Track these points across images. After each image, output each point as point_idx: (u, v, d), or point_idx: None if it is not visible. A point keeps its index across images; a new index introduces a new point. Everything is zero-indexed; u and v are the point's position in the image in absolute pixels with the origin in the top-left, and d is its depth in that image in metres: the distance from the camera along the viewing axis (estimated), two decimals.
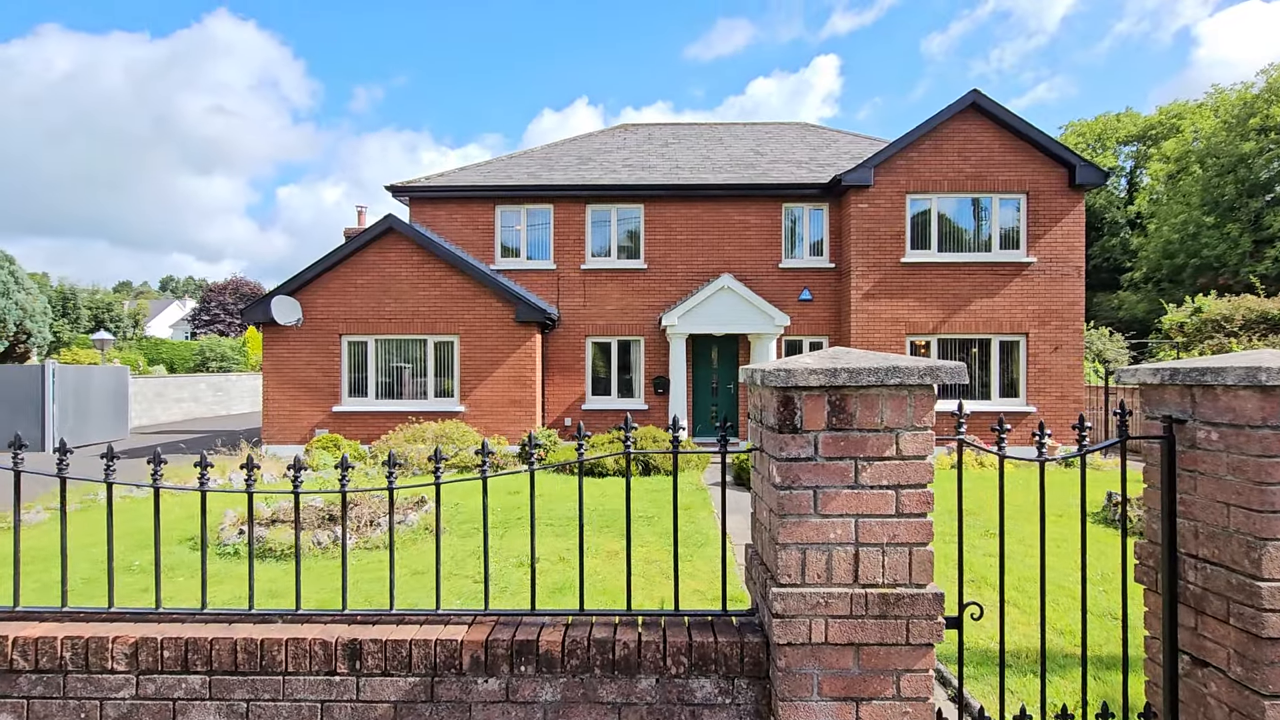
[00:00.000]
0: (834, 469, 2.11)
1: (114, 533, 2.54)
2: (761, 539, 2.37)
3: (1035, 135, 14.24)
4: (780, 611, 2.09)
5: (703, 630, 2.33)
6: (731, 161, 16.81)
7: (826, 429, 2.11)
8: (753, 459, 2.53)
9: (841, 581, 2.11)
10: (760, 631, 2.31)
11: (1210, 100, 36.89)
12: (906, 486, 2.11)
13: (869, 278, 14.54)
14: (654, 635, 2.28)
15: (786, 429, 2.11)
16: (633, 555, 7.05)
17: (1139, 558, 2.47)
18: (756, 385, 2.34)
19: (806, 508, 2.11)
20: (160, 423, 22.38)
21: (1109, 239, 40.27)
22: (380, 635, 2.29)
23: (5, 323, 19.12)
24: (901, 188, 14.48)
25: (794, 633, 2.09)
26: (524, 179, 15.76)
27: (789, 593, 2.09)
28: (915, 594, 2.09)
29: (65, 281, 39.66)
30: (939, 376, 2.07)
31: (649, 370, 15.51)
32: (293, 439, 14.10)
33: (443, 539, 7.67)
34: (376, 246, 14.31)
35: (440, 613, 2.42)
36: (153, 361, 32.37)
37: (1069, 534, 7.66)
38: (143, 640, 2.27)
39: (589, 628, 2.34)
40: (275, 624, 2.39)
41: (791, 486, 2.11)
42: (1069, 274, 14.54)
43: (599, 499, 9.54)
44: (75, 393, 15.95)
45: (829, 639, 2.09)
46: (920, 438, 2.11)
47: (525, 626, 2.36)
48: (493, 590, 5.96)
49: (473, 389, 14.28)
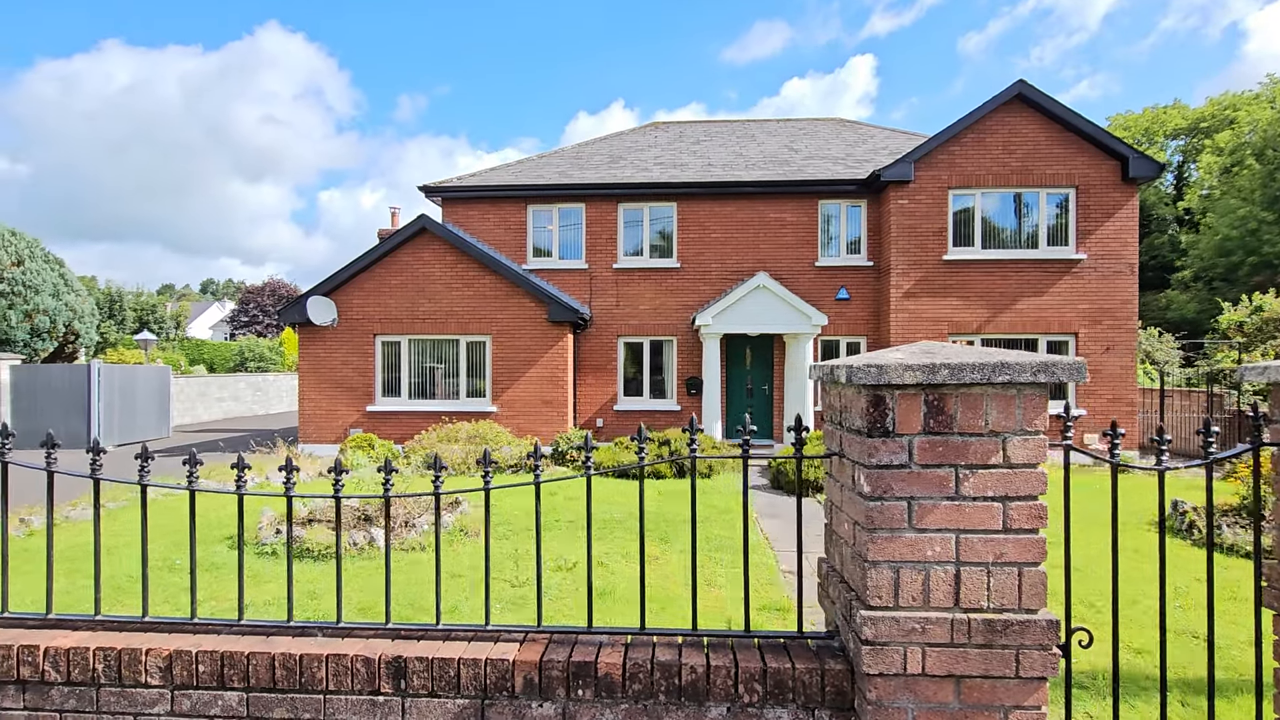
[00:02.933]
0: (931, 478, 1.88)
1: (154, 532, 2.42)
2: (841, 554, 2.14)
3: (1085, 126, 13.65)
4: (870, 638, 1.86)
5: (777, 654, 2.11)
6: (765, 158, 16.49)
7: (923, 432, 1.88)
8: (829, 465, 2.30)
9: (940, 605, 1.87)
10: (842, 657, 2.08)
11: (1266, 91, 35.25)
12: (1015, 498, 1.86)
13: (910, 276, 14.10)
14: (723, 659, 2.07)
15: (877, 432, 1.88)
16: (679, 561, 6.84)
17: (1269, 580, 2.17)
18: (837, 383, 2.11)
19: (900, 521, 1.88)
20: (202, 421, 22.87)
21: (1157, 236, 38.76)
22: (426, 653, 2.12)
23: (55, 324, 19.68)
24: (943, 183, 14.02)
25: (886, 662, 1.85)
26: (555, 178, 15.67)
27: (880, 617, 1.86)
28: (1025, 620, 1.84)
29: (112, 284, 40.93)
30: (1054, 374, 1.82)
31: (681, 371, 15.28)
32: (328, 438, 14.20)
33: (480, 541, 7.59)
34: (410, 247, 14.34)
35: (490, 629, 2.25)
36: (193, 361, 33.20)
37: (1132, 545, 7.23)
38: (177, 653, 2.14)
39: (650, 649, 2.14)
40: (315, 637, 2.23)
41: (883, 497, 1.88)
42: (1121, 271, 13.90)
43: (632, 501, 9.34)
44: (121, 392, 16.33)
45: (926, 670, 1.85)
46: (1031, 443, 1.86)
47: (581, 646, 2.17)
48: (531, 595, 5.80)
49: (505, 389, 14.22)
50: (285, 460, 2.34)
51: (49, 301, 19.51)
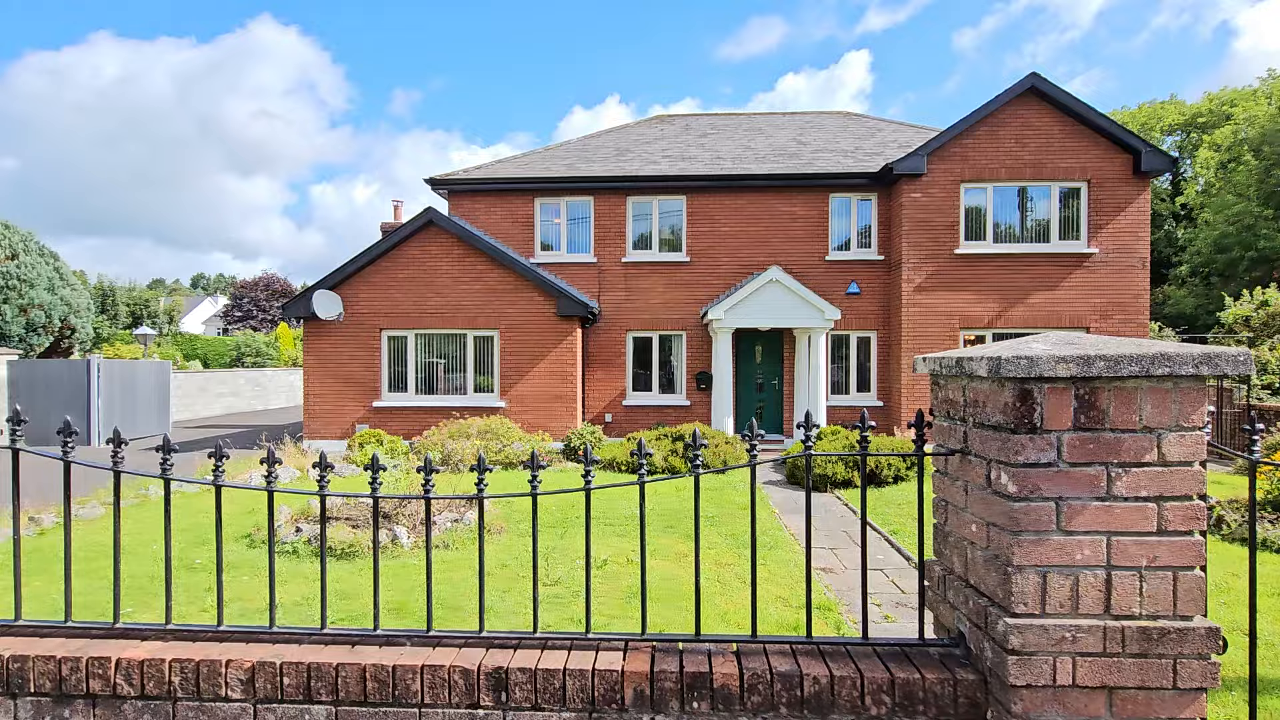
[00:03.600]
0: (1080, 477, 1.76)
1: (169, 528, 2.28)
2: (967, 557, 2.02)
3: (1098, 120, 13.59)
4: (1017, 647, 1.74)
5: (900, 663, 1.99)
6: (774, 151, 16.36)
7: (1073, 429, 1.76)
8: (940, 464, 2.19)
9: (1089, 612, 1.76)
10: (970, 666, 1.97)
11: (1264, 87, 35.39)
12: (1170, 498, 1.75)
13: (921, 270, 14.03)
14: (846, 668, 1.95)
15: (1024, 428, 1.77)
16: (701, 558, 6.74)
17: None
18: (970, 376, 1.99)
19: (1048, 523, 1.77)
20: (201, 417, 22.59)
21: (1154, 231, 38.91)
22: (528, 663, 1.99)
23: (51, 318, 19.35)
24: (956, 176, 13.93)
25: (1034, 672, 1.74)
26: (563, 171, 15.49)
27: (1028, 625, 1.75)
28: (1183, 628, 1.73)
29: (104, 279, 40.39)
30: (1218, 365, 1.71)
31: (691, 366, 15.16)
32: (334, 434, 14.02)
33: (503, 539, 7.45)
34: (417, 240, 14.14)
35: (590, 637, 2.12)
36: (189, 357, 32.83)
37: None
38: (260, 664, 2.01)
39: (764, 656, 2.02)
40: (404, 646, 2.10)
41: (1029, 498, 1.77)
42: (1133, 265, 13.88)
43: (651, 498, 9.24)
44: (121, 387, 16.07)
45: (1076, 681, 1.74)
46: (1188, 440, 1.75)
47: (690, 655, 2.05)
48: (565, 594, 5.68)
49: (513, 384, 14.07)
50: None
51: (44, 296, 19.17)
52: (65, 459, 2.20)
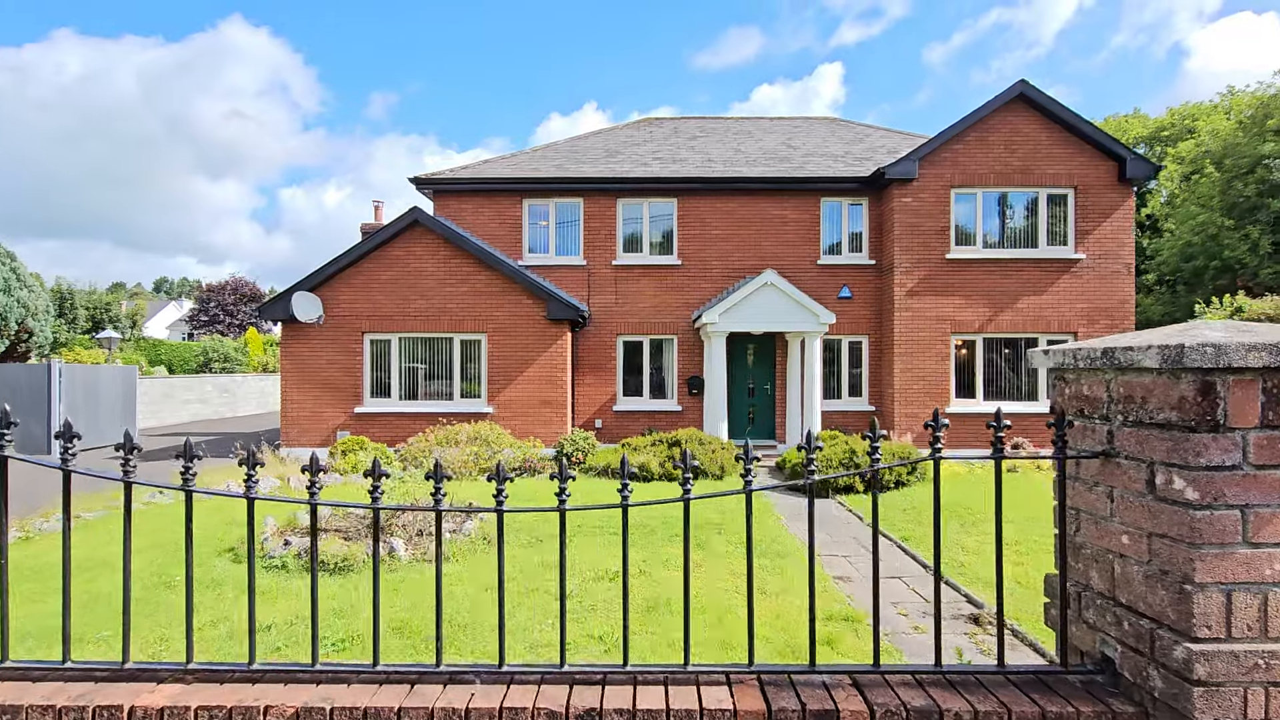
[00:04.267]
0: (1270, 481, 1.56)
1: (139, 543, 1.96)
2: (1118, 572, 1.80)
3: (1085, 128, 13.77)
4: (1204, 677, 1.52)
5: (1042, 693, 1.76)
6: (764, 155, 16.28)
7: (1260, 426, 1.55)
8: (1073, 468, 1.97)
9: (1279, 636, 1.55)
10: (1123, 696, 1.74)
11: (1224, 102, 36.64)
12: None
13: (913, 275, 14.03)
14: (986, 702, 1.71)
15: (1204, 426, 1.55)
16: (715, 568, 6.47)
17: None
18: (1122, 368, 1.77)
19: (1233, 535, 1.55)
20: (168, 424, 21.65)
21: None
22: (621, 702, 1.71)
23: (7, 321, 18.37)
24: (946, 181, 13.98)
25: (1222, 705, 1.53)
26: (552, 171, 15.18)
27: (1214, 651, 1.53)
28: None
29: (63, 281, 38.75)
30: None
31: (682, 370, 14.94)
32: (313, 441, 13.46)
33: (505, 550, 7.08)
34: (401, 241, 13.70)
35: (689, 669, 1.85)
36: (153, 362, 31.56)
37: None
38: (304, 710, 1.70)
39: (889, 689, 1.77)
40: (474, 684, 1.81)
41: (1212, 506, 1.55)
42: (1119, 271, 14.07)
43: (656, 510, 8.95)
44: (84, 393, 15.27)
45: (1269, 715, 1.53)
46: None
47: (805, 688, 1.79)
48: (580, 608, 5.38)
49: (501, 389, 13.68)
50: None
51: (0, 298, 18.20)
52: (65, 468, 1.87)
